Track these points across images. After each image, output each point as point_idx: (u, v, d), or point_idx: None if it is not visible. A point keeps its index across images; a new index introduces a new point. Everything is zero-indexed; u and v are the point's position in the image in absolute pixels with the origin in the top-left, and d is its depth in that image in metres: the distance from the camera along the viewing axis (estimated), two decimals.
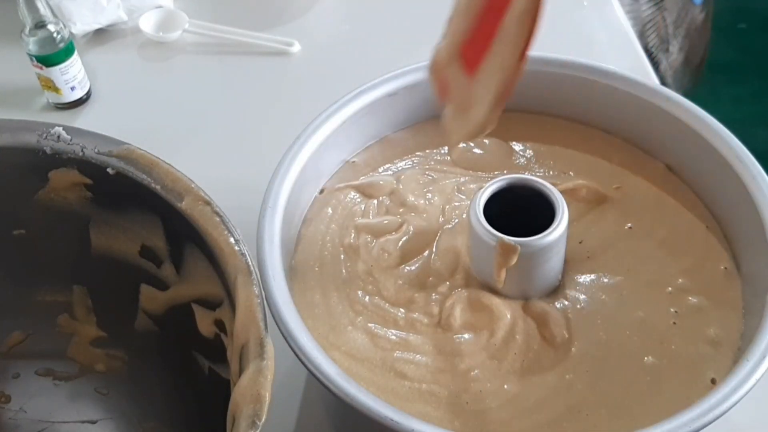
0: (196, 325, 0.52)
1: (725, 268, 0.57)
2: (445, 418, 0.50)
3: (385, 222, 0.59)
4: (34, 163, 0.52)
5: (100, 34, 0.93)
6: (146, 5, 0.93)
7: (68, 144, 0.51)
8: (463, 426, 0.50)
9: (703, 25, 1.33)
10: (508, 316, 0.54)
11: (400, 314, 0.55)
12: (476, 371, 0.52)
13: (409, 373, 0.52)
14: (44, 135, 0.51)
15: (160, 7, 0.94)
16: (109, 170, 0.51)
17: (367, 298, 0.55)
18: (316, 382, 0.48)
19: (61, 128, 0.51)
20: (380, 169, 0.64)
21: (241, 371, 0.42)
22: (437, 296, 0.55)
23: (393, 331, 0.54)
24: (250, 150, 0.80)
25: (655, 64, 1.23)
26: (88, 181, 0.52)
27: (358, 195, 0.62)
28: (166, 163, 0.51)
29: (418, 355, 0.53)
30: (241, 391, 0.41)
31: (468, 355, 0.53)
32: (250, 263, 0.46)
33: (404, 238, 0.58)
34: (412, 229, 0.59)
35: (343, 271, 0.57)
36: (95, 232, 0.55)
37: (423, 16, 0.98)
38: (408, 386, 0.51)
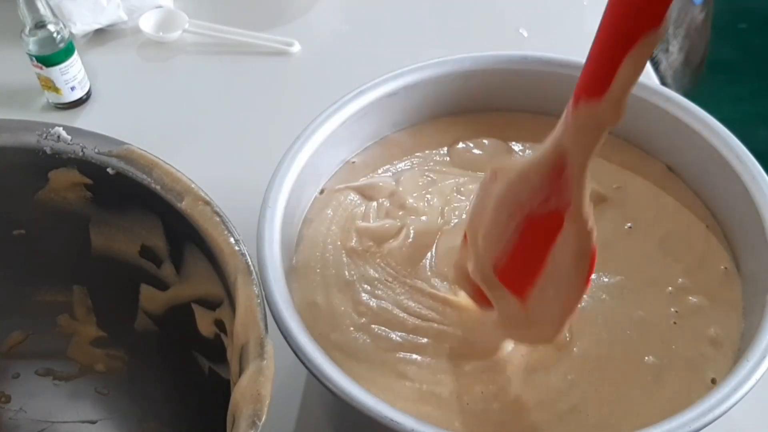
0: (196, 325, 0.52)
1: (725, 267, 0.57)
2: (445, 418, 0.50)
3: (386, 225, 0.59)
4: (34, 163, 0.52)
5: (100, 34, 0.93)
6: (146, 5, 0.93)
7: (68, 144, 0.51)
8: (464, 426, 0.50)
9: (703, 25, 1.33)
10: None
11: (401, 316, 0.55)
12: (480, 372, 0.52)
13: (411, 374, 0.52)
14: (44, 135, 0.51)
15: (160, 7, 0.94)
16: (109, 170, 0.51)
17: (371, 300, 0.55)
18: (316, 382, 0.48)
19: (61, 128, 0.51)
20: (380, 170, 0.64)
21: (241, 371, 0.42)
22: (440, 300, 0.55)
23: (395, 332, 0.54)
24: (250, 150, 0.80)
25: (655, 64, 1.23)
26: (88, 181, 0.52)
27: (358, 196, 0.62)
28: (166, 163, 0.51)
29: (421, 356, 0.53)
30: (241, 391, 0.41)
31: (473, 356, 0.53)
32: (250, 263, 0.46)
33: (406, 242, 0.58)
34: (412, 232, 0.59)
35: (346, 273, 0.57)
36: (95, 232, 0.55)
37: (423, 16, 0.99)
38: (409, 386, 0.51)
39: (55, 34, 0.80)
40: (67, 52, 0.81)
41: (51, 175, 0.52)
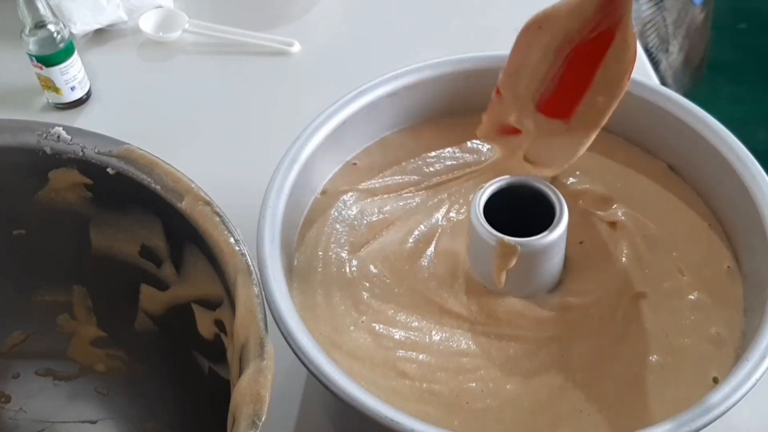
0: (196, 325, 0.52)
1: (728, 266, 0.57)
2: (444, 417, 0.50)
3: (387, 225, 0.59)
4: (34, 163, 0.52)
5: (100, 34, 0.93)
6: (146, 5, 0.93)
7: (68, 144, 0.51)
8: (463, 426, 0.50)
9: (703, 25, 1.33)
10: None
11: (402, 316, 0.55)
12: (481, 371, 0.52)
13: (411, 372, 0.52)
14: (44, 135, 0.51)
15: (160, 7, 0.94)
16: (109, 170, 0.51)
17: (373, 300, 0.55)
18: (316, 382, 0.48)
19: (61, 128, 0.51)
20: (380, 170, 0.64)
21: (241, 371, 0.42)
22: (440, 299, 0.55)
23: (396, 331, 0.54)
24: (250, 150, 0.80)
25: (655, 64, 1.23)
26: (88, 181, 0.52)
27: (358, 196, 0.62)
28: (166, 163, 0.51)
29: (421, 355, 0.53)
30: (241, 391, 0.41)
31: (473, 355, 0.53)
32: (250, 263, 0.46)
33: (407, 242, 0.58)
34: (413, 232, 0.59)
35: (346, 272, 0.57)
36: (95, 232, 0.55)
37: (423, 16, 0.99)
38: (409, 385, 0.51)
39: (55, 34, 0.80)
40: (67, 52, 0.81)
41: (51, 175, 0.52)
